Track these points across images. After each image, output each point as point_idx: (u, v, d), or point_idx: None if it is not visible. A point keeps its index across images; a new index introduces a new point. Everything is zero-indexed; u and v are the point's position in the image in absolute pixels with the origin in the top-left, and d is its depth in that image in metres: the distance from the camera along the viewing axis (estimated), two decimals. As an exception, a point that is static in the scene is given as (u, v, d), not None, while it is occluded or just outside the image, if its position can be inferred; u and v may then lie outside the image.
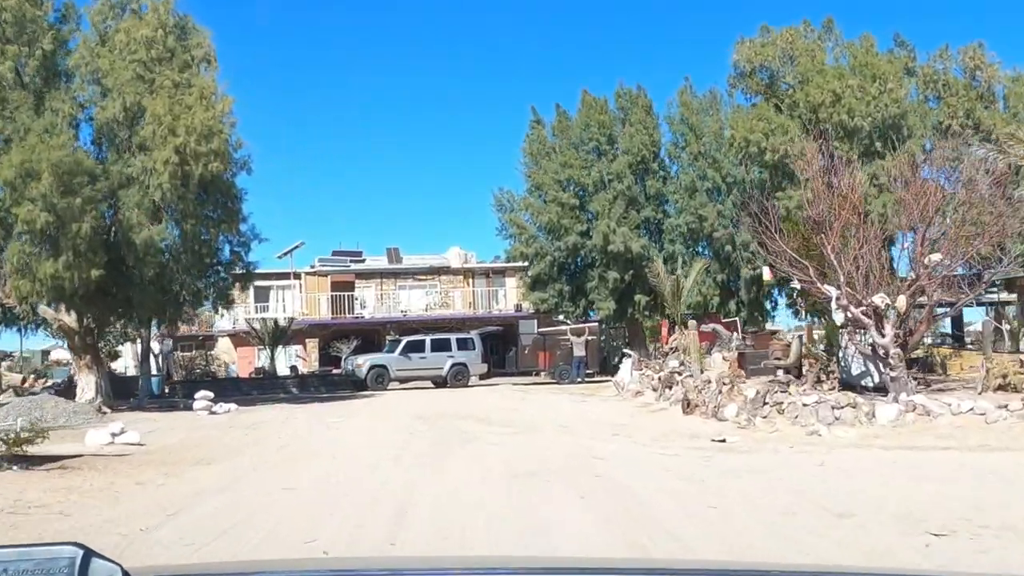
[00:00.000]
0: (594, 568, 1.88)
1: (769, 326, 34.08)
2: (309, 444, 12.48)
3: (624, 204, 32.21)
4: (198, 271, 22.61)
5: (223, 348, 39.55)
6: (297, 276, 37.27)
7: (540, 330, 32.93)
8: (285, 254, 37.42)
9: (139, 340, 33.45)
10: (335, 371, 32.42)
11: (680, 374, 16.88)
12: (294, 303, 37.21)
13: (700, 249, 32.97)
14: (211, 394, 20.93)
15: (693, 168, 32.46)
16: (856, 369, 14.78)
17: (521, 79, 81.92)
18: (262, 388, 30.80)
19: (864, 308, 13.72)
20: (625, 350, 22.60)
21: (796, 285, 15.62)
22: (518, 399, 20.90)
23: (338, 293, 35.92)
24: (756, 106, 30.80)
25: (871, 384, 14.23)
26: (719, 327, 24.29)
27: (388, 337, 32.23)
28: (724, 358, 22.87)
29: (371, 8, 77.80)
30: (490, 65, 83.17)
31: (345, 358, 31.58)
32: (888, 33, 44.10)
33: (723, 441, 11.61)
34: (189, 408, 21.40)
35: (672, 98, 33.89)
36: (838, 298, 13.72)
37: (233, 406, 22.27)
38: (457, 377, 29.84)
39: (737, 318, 24.97)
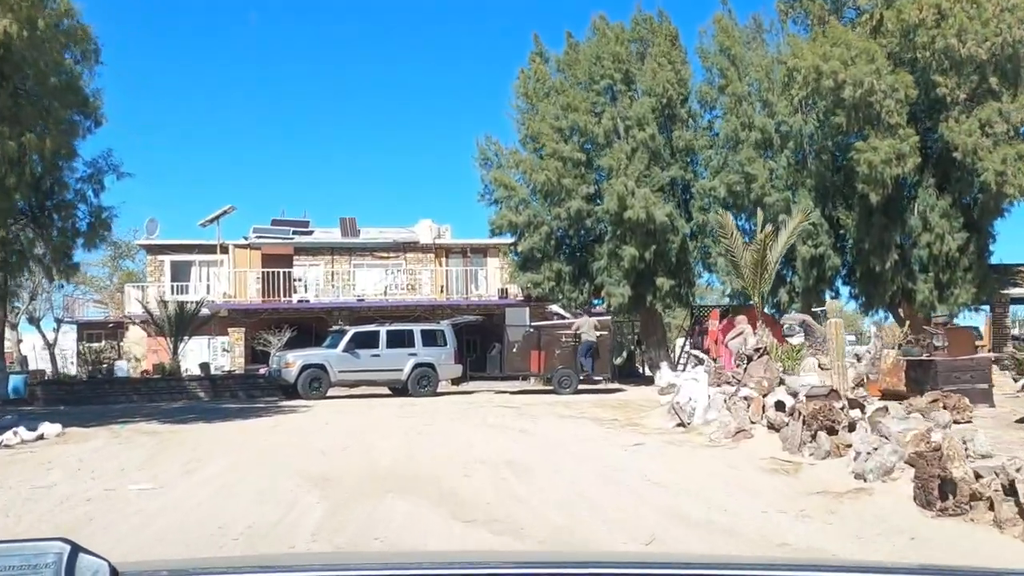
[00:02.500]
0: (592, 562, 1.73)
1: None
2: None
3: (646, 159, 23.37)
4: (4, 213, 13.46)
5: (135, 338, 30.21)
6: (224, 249, 27.99)
7: (532, 323, 24.00)
8: (209, 221, 28.16)
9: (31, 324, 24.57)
10: (263, 370, 23.21)
11: (861, 407, 8.06)
12: (220, 282, 27.96)
13: (741, 222, 24.21)
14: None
15: (735, 115, 23.65)
16: None
17: (516, 17, 70.80)
18: (156, 393, 21.57)
19: None
20: (693, 352, 13.73)
21: None
22: (515, 430, 11.93)
23: (272, 270, 26.63)
24: (827, 29, 22.02)
25: None
26: (809, 319, 15.61)
27: (332, 328, 23.13)
28: (823, 366, 14.22)
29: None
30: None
31: (274, 354, 22.42)
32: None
33: None
34: None
35: (705, 26, 25.11)
36: None
37: (55, 429, 13.29)
38: (422, 382, 20.86)
39: (828, 304, 16.02)
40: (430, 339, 21.33)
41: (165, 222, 46.21)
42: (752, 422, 9.55)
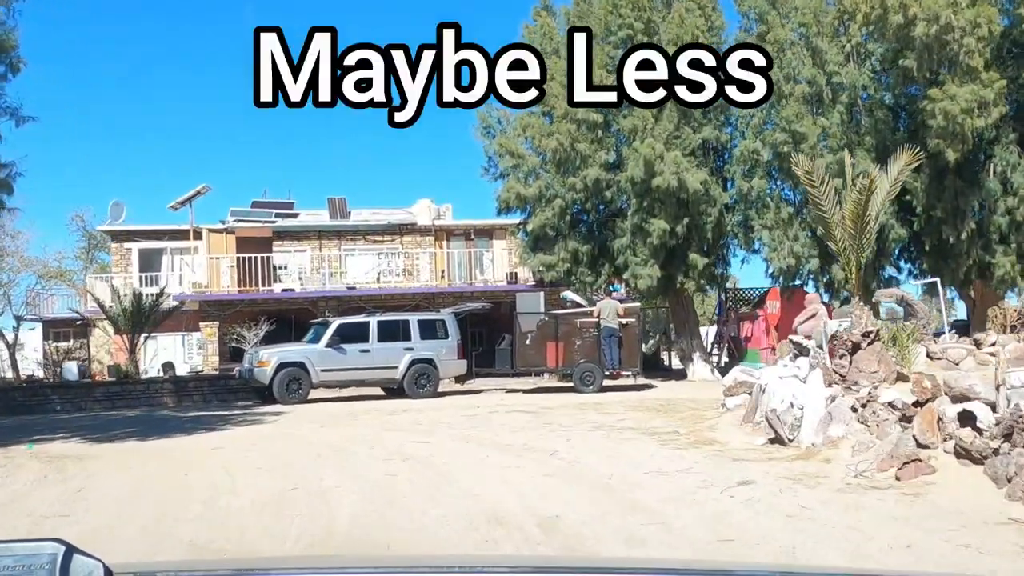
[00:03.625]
0: (590, 568, 1.71)
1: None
2: None
3: (675, 118, 19.72)
4: None
5: (103, 337, 26.67)
6: (198, 234, 24.40)
7: (549, 311, 20.41)
8: (181, 203, 24.60)
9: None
10: (237, 370, 19.63)
11: None
12: (194, 271, 24.39)
13: (787, 192, 20.61)
14: None
15: (777, 65, 19.94)
16: None
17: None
18: (111, 399, 18.03)
19: None
20: (795, 338, 10.06)
21: None
22: (542, 453, 8.30)
23: (250, 255, 22.97)
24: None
25: None
26: (909, 296, 12.07)
27: (314, 320, 19.54)
28: (932, 355, 10.82)
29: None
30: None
31: (248, 351, 18.86)
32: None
33: None
34: None
35: (740, -35, 21.38)
36: None
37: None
38: (420, 382, 17.31)
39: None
40: (429, 331, 17.77)
41: (133, 206, 42.50)
42: (921, 445, 5.98)
